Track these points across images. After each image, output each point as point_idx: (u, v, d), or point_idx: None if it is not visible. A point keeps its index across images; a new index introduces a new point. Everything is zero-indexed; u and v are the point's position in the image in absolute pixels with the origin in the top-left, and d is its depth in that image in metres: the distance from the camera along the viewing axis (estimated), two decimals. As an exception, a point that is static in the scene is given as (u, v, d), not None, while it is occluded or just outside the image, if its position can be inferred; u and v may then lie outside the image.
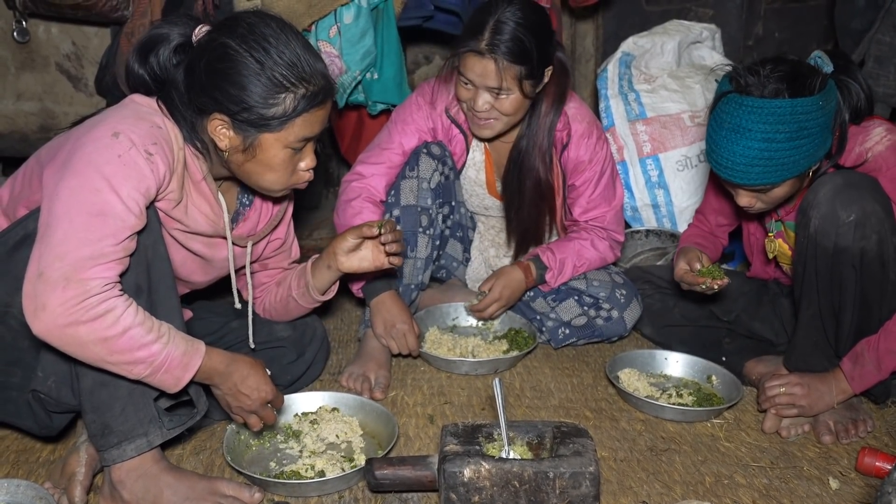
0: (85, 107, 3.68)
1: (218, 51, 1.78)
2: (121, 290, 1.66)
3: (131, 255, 1.71)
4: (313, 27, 3.10)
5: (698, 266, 2.44)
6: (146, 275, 1.78)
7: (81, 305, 1.58)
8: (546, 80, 2.57)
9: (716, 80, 2.26)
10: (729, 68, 2.21)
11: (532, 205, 2.77)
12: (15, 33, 3.56)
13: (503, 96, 2.50)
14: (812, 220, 2.15)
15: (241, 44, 1.77)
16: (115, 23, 3.38)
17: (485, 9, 2.49)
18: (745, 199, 2.24)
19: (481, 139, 2.77)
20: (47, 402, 1.84)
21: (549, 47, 2.53)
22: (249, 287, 2.22)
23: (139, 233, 1.72)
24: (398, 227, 2.27)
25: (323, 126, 1.90)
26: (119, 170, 1.66)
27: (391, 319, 2.51)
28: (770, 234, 2.48)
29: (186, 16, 1.89)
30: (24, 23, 3.55)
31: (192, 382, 1.79)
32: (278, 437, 2.17)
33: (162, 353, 1.69)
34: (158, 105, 1.86)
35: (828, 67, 2.14)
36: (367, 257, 2.24)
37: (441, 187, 2.73)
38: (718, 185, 2.58)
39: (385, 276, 2.57)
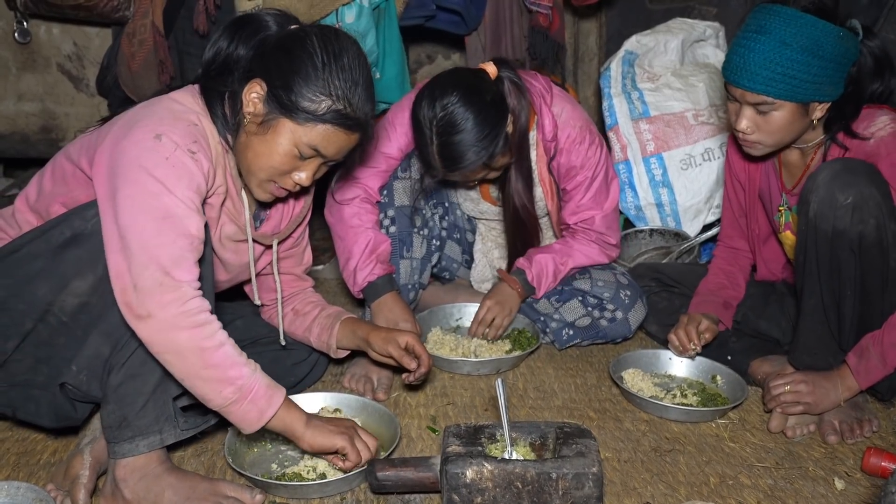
0: (86, 107, 3.69)
1: (297, 35, 1.84)
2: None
3: None
4: (314, 27, 3.09)
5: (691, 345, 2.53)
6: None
7: (183, 309, 1.63)
8: (510, 126, 2.53)
9: None
10: None
11: (514, 228, 2.81)
12: (16, 34, 3.57)
13: (488, 175, 2.57)
14: (811, 204, 2.15)
15: (320, 42, 1.82)
16: (117, 23, 3.39)
17: (419, 132, 2.45)
18: (744, 122, 2.22)
19: None
20: (73, 393, 1.87)
21: (497, 117, 2.45)
22: (278, 285, 2.24)
23: None
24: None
25: (337, 152, 1.90)
26: (170, 172, 1.69)
27: (393, 320, 2.49)
28: (781, 208, 2.47)
29: (284, 14, 1.95)
30: (25, 23, 3.57)
31: (268, 430, 1.82)
32: (279, 438, 2.15)
33: (251, 377, 1.73)
34: (194, 99, 1.89)
35: (858, 33, 2.17)
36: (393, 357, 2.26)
37: (432, 188, 2.72)
38: (734, 205, 2.68)
39: (386, 277, 2.56)
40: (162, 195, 1.67)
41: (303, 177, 1.91)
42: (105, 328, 1.72)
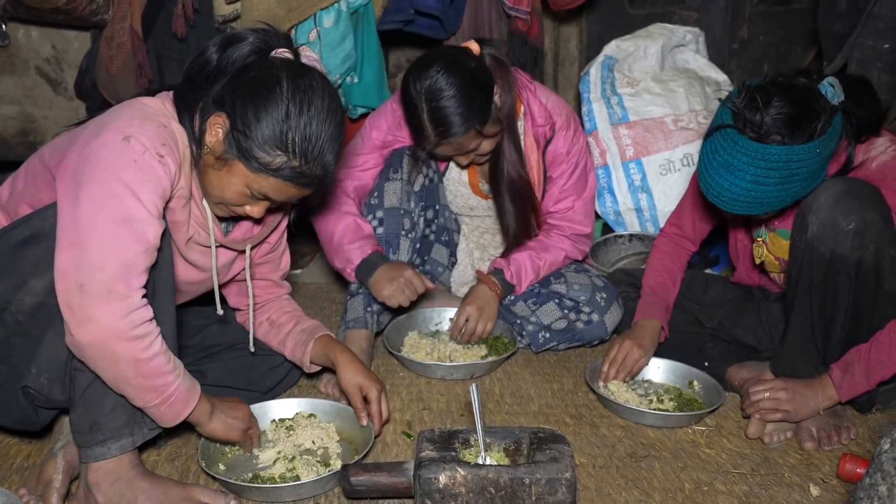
0: (65, 110, 3.67)
1: (270, 78, 1.80)
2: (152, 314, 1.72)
3: None
4: (293, 31, 3.08)
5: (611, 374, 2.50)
6: (151, 281, 1.79)
7: (127, 320, 1.64)
8: (497, 96, 2.55)
9: (718, 100, 2.21)
10: (730, 90, 2.16)
11: (513, 202, 2.75)
12: (-6, 37, 3.55)
13: (479, 148, 2.56)
14: (810, 225, 2.14)
15: (290, 89, 1.79)
16: (95, 26, 3.38)
17: (410, 105, 2.47)
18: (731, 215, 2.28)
19: None
20: (36, 398, 1.85)
21: (483, 83, 2.50)
22: (250, 291, 2.21)
23: None
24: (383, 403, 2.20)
25: (289, 199, 1.92)
26: (137, 175, 1.68)
27: (392, 274, 2.52)
28: (759, 240, 2.46)
29: (274, 30, 1.93)
30: (3, 26, 3.55)
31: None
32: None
33: (174, 384, 1.76)
34: (164, 104, 1.87)
35: (838, 98, 2.10)
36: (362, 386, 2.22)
37: (425, 190, 2.72)
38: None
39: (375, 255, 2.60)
40: (125, 198, 1.66)
41: (254, 210, 1.92)
42: (61, 328, 1.69)
